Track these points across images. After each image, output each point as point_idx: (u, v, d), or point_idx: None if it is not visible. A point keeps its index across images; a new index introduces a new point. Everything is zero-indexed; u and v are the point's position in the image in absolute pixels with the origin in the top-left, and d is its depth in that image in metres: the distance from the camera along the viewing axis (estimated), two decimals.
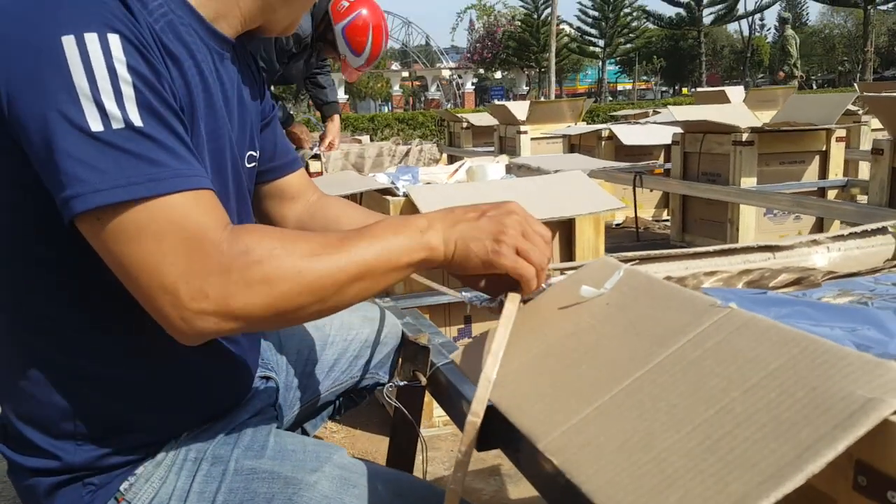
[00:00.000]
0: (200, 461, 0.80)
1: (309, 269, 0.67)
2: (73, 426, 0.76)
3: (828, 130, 3.58)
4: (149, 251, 0.62)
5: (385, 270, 0.73)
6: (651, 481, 0.56)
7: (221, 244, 0.64)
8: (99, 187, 0.61)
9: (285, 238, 0.68)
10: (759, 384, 0.59)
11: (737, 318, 0.67)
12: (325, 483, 0.80)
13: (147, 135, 0.63)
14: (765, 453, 0.52)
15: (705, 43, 37.29)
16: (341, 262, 0.69)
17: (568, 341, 0.80)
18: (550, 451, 0.65)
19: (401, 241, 0.74)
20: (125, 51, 0.63)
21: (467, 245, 0.77)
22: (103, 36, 0.62)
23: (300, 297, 0.67)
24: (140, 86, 0.63)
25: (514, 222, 0.81)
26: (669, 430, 0.60)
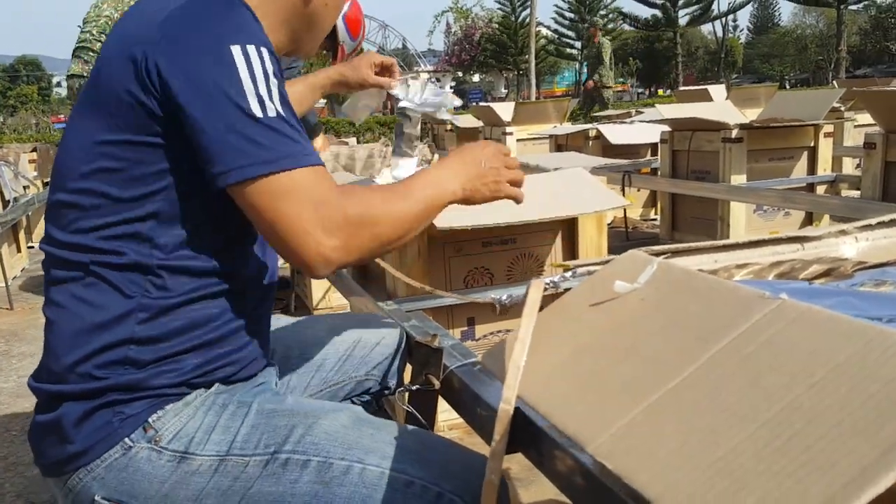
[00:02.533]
0: (227, 405, 0.89)
1: (398, 212, 0.91)
2: (126, 351, 0.84)
3: (816, 126, 3.59)
4: (294, 207, 0.82)
5: (434, 211, 0.98)
6: (720, 484, 0.53)
7: (340, 201, 0.84)
8: (264, 159, 0.80)
9: (376, 193, 0.93)
10: (826, 378, 0.56)
11: (790, 309, 0.64)
12: (343, 416, 0.90)
13: (287, 121, 0.83)
14: (844, 452, 0.49)
15: (680, 44, 37.63)
16: (414, 206, 0.93)
17: (605, 339, 0.77)
18: (602, 455, 0.62)
19: (440, 192, 0.98)
20: (271, 60, 0.83)
21: (477, 189, 1.03)
22: (258, 48, 0.82)
23: (394, 232, 0.91)
24: (280, 86, 0.84)
25: (498, 162, 1.05)
26: (732, 428, 0.56)
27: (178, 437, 0.84)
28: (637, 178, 3.95)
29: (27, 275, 4.80)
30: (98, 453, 0.83)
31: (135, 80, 0.82)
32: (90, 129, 0.86)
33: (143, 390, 0.85)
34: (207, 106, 0.80)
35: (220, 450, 0.84)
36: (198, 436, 0.85)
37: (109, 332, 0.85)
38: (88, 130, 0.87)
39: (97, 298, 0.85)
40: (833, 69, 33.77)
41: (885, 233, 1.00)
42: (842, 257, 0.96)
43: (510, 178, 1.06)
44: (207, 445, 0.84)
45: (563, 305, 0.86)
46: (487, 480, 0.74)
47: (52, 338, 0.88)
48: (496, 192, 1.05)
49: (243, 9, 0.88)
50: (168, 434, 0.84)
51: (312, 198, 0.83)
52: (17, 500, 1.84)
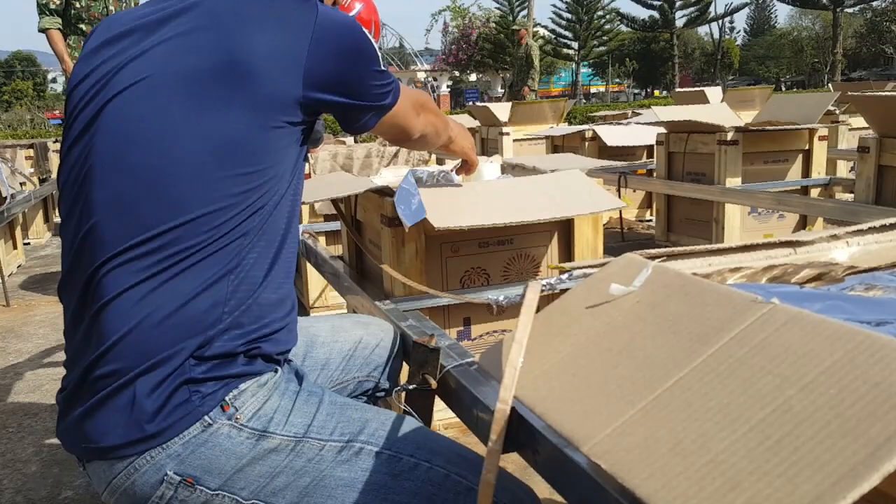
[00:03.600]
0: (298, 392, 0.93)
1: (444, 127, 1.36)
2: (211, 331, 0.86)
3: (810, 129, 3.61)
4: (412, 118, 1.18)
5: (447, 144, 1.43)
6: (712, 484, 0.54)
7: (421, 108, 1.21)
8: (397, 91, 1.07)
9: (434, 112, 1.29)
10: (816, 381, 0.57)
11: (782, 313, 0.66)
12: (409, 420, 0.97)
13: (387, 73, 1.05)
14: (834, 452, 0.51)
15: (677, 45, 37.70)
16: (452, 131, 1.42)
17: (600, 341, 0.78)
18: (597, 455, 0.63)
19: (454, 138, 1.44)
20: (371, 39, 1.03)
21: (465, 150, 1.53)
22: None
23: (444, 132, 1.37)
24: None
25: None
26: (724, 430, 0.58)
27: (258, 416, 0.87)
28: (633, 180, 3.97)
29: (23, 271, 4.79)
30: (178, 431, 0.84)
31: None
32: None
33: (219, 358, 0.87)
34: (349, 79, 1.02)
35: (297, 431, 0.88)
36: (277, 416, 0.88)
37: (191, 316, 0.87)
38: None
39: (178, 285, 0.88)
40: (829, 72, 33.86)
41: (876, 238, 1.01)
42: (833, 262, 0.97)
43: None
44: (286, 427, 0.88)
45: (560, 307, 0.87)
46: (484, 479, 0.76)
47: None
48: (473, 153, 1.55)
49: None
50: (248, 412, 0.87)
51: (416, 110, 1.21)
52: (15, 497, 1.85)
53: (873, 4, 37.86)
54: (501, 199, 1.67)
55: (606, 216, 4.63)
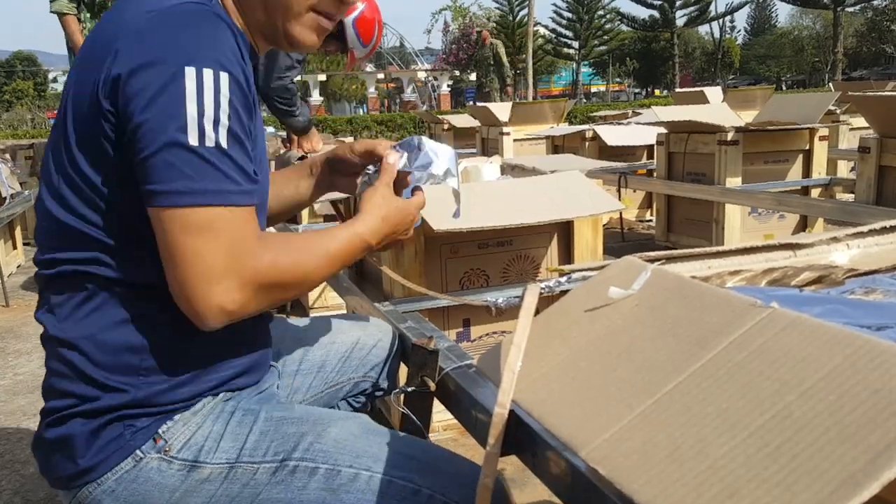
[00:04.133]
0: (233, 412, 0.89)
1: (310, 275, 0.88)
2: (139, 361, 0.85)
3: (811, 129, 3.60)
4: (204, 247, 0.77)
5: (346, 265, 0.97)
6: (710, 491, 0.54)
7: (258, 255, 0.80)
8: (184, 190, 0.76)
9: (292, 251, 0.86)
10: (816, 386, 0.57)
11: (781, 318, 0.65)
12: (352, 424, 0.91)
13: (229, 155, 0.78)
14: (833, 459, 0.50)
15: (678, 45, 37.70)
16: (327, 269, 0.91)
17: (599, 344, 0.77)
18: (594, 460, 0.63)
19: (359, 250, 0.96)
20: (230, 88, 0.78)
21: (385, 246, 1.04)
22: (217, 73, 0.77)
23: (298, 291, 0.90)
24: (233, 117, 0.79)
25: (404, 228, 1.03)
26: (723, 436, 0.57)
27: (188, 447, 0.85)
28: (633, 180, 3.97)
29: (23, 272, 4.79)
30: (109, 467, 0.83)
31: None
32: None
33: (153, 406, 0.85)
34: (144, 121, 0.76)
35: (229, 457, 0.85)
36: (207, 444, 0.85)
37: (120, 349, 0.85)
38: None
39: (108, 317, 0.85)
40: (829, 71, 33.85)
41: (876, 240, 1.01)
42: (833, 265, 0.97)
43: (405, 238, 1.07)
44: (217, 453, 0.85)
45: (559, 310, 0.87)
46: (482, 483, 0.75)
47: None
48: (389, 245, 1.05)
49: (219, 21, 0.82)
50: (178, 444, 0.84)
51: (229, 243, 0.78)
52: (13, 498, 1.84)
53: (874, 3, 37.87)
54: (501, 200, 1.67)
55: (606, 216, 4.62)
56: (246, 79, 0.82)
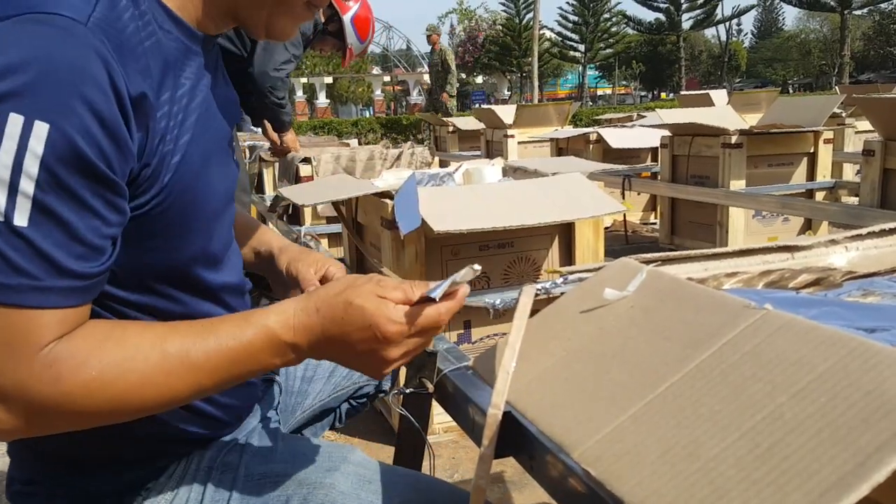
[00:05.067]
0: (210, 470, 0.80)
1: (147, 393, 0.63)
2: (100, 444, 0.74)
3: (815, 132, 3.59)
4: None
5: (224, 380, 0.68)
6: (700, 492, 0.53)
7: (34, 367, 0.59)
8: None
9: (116, 356, 0.62)
10: (808, 388, 0.57)
11: (775, 319, 0.65)
12: (341, 480, 0.80)
13: (25, 237, 0.58)
14: (823, 461, 0.50)
15: (684, 48, 37.67)
16: (181, 380, 0.65)
17: (593, 345, 0.77)
18: (587, 462, 0.62)
19: (250, 353, 0.68)
20: (50, 142, 0.58)
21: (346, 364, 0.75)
22: (29, 123, 0.57)
23: (129, 413, 0.65)
24: (47, 184, 0.58)
25: (393, 350, 0.72)
26: (714, 437, 0.57)
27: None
28: (637, 182, 3.96)
29: None
30: None
31: None
32: None
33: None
34: None
35: None
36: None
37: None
38: None
39: None
40: (836, 74, 33.76)
41: (875, 243, 1.00)
42: (831, 267, 0.96)
43: (404, 356, 0.74)
44: None
45: (554, 312, 0.86)
46: (475, 485, 0.75)
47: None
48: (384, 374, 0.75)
49: (81, 34, 0.61)
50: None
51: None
52: None
53: (881, 7, 37.75)
54: (502, 202, 1.67)
55: (609, 219, 4.61)
56: (102, 121, 0.61)
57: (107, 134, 0.61)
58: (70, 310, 0.62)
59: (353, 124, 13.31)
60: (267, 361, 0.68)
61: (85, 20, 0.62)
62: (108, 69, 0.61)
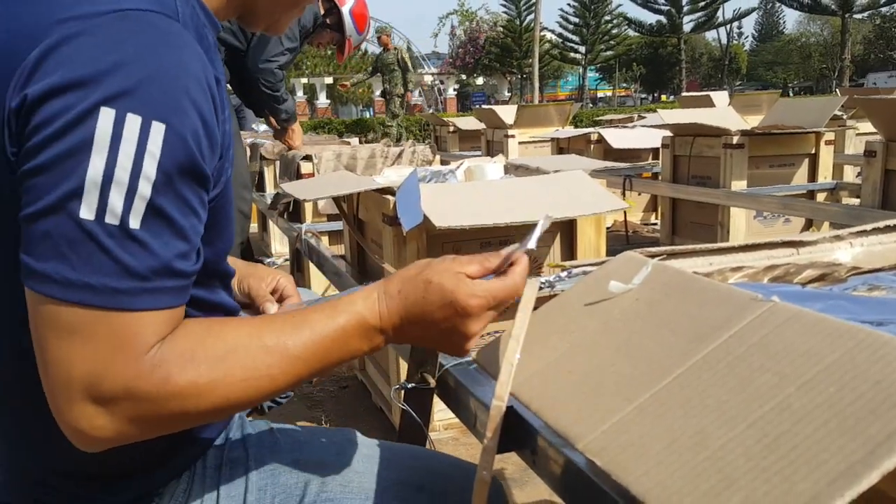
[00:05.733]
0: (220, 468, 0.80)
1: (250, 391, 0.63)
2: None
3: (817, 133, 3.59)
4: (66, 351, 0.57)
5: (325, 366, 0.69)
6: (708, 482, 0.53)
7: (143, 370, 0.58)
8: (55, 276, 0.56)
9: (217, 357, 0.61)
10: (816, 379, 0.56)
11: (782, 311, 0.65)
12: (353, 461, 0.84)
13: (139, 240, 0.58)
14: (832, 450, 0.50)
15: (684, 50, 37.68)
16: (284, 375, 0.65)
17: (598, 338, 0.77)
18: (592, 452, 0.62)
19: (346, 342, 0.69)
20: (167, 143, 0.58)
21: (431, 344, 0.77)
22: (148, 123, 0.57)
23: (229, 412, 0.65)
24: (162, 185, 0.58)
25: (475, 324, 0.75)
26: (722, 427, 0.57)
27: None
28: (638, 183, 3.96)
29: None
30: None
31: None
32: None
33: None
34: (39, 172, 0.56)
35: None
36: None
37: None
38: None
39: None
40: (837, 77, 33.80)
41: (879, 239, 1.00)
42: (836, 262, 0.96)
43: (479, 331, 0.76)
44: None
45: (558, 304, 0.86)
46: (479, 477, 0.75)
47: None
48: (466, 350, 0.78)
49: (183, 39, 0.61)
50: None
51: (101, 354, 0.57)
52: None
53: (882, 10, 37.79)
54: (504, 198, 1.67)
55: (611, 219, 4.61)
56: (204, 121, 0.61)
57: (207, 133, 0.61)
58: (175, 310, 0.62)
59: (354, 123, 13.31)
60: (357, 347, 0.69)
61: (177, 16, 0.62)
62: (203, 66, 0.62)
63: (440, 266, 0.71)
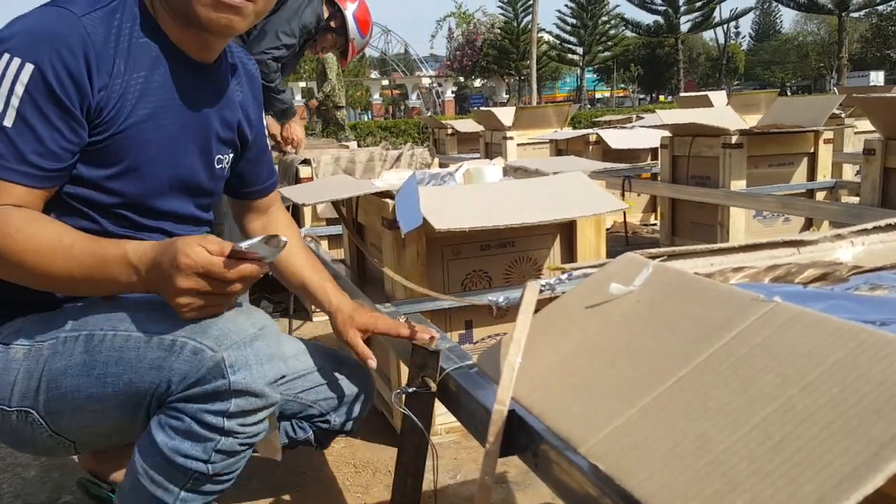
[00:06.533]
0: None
1: (28, 253, 0.94)
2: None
3: (816, 132, 3.59)
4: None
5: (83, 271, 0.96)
6: (712, 485, 0.53)
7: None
8: None
9: (25, 224, 0.94)
10: (819, 380, 0.56)
11: (784, 312, 0.65)
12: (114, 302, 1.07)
13: (7, 134, 0.94)
14: (836, 452, 0.49)
15: (682, 50, 37.70)
16: (51, 254, 0.94)
17: (599, 340, 0.77)
18: (595, 456, 0.62)
19: (105, 257, 0.96)
20: (31, 78, 0.94)
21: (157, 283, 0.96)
22: (23, 64, 0.94)
23: (14, 265, 0.95)
24: (27, 102, 0.94)
25: (182, 280, 0.91)
26: (725, 430, 0.56)
27: (12, 334, 1.05)
28: (637, 183, 3.95)
29: None
30: None
31: None
32: None
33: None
34: None
35: (28, 342, 1.04)
36: (24, 330, 1.05)
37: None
38: None
39: None
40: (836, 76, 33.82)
41: (881, 237, 1.00)
42: (837, 261, 0.96)
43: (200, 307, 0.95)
44: (20, 339, 1.04)
45: (559, 307, 0.86)
46: (482, 482, 0.74)
47: None
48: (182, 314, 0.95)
49: (60, 17, 0.98)
50: (6, 332, 1.06)
51: None
52: (14, 501, 1.84)
53: (879, 9, 37.82)
54: (503, 200, 1.66)
55: (610, 220, 4.61)
56: (69, 72, 0.95)
57: (73, 83, 0.96)
58: (27, 188, 0.96)
59: (352, 128, 13.29)
60: (116, 272, 0.95)
61: (81, 15, 0.99)
62: (84, 44, 0.97)
63: (192, 237, 0.92)
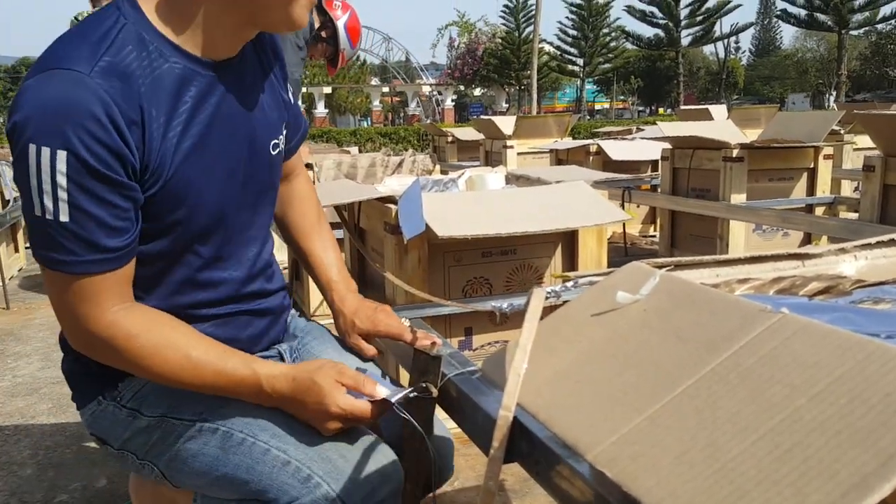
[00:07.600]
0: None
1: (157, 366, 0.94)
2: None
3: (815, 148, 3.61)
4: (54, 297, 0.93)
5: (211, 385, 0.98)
6: (720, 493, 0.53)
7: (90, 314, 0.92)
8: (35, 250, 0.91)
9: (153, 332, 0.94)
10: (827, 391, 0.56)
11: (791, 323, 0.65)
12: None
13: (69, 229, 0.87)
14: (844, 462, 0.50)
15: (682, 64, 37.86)
16: (181, 371, 0.95)
17: (606, 348, 0.77)
18: (602, 463, 0.62)
19: (237, 383, 0.97)
20: (69, 164, 0.85)
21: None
22: (54, 152, 0.84)
23: (138, 370, 0.97)
24: (74, 191, 0.86)
25: (332, 423, 0.98)
26: (734, 439, 0.57)
27: (135, 398, 1.04)
28: (637, 195, 3.97)
29: (24, 274, 4.79)
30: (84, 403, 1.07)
31: None
32: None
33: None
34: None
35: (154, 414, 1.04)
36: (149, 398, 1.04)
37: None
38: None
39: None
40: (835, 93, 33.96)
41: (884, 252, 1.00)
42: (841, 275, 0.96)
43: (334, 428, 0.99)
44: (153, 408, 1.04)
45: (565, 315, 0.86)
46: (485, 488, 0.74)
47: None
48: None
49: (78, 87, 0.85)
50: (127, 394, 1.04)
51: (64, 302, 0.92)
52: (10, 499, 1.83)
53: (878, 27, 38.06)
54: (505, 209, 1.67)
55: (610, 230, 4.62)
56: (102, 144, 0.86)
57: (110, 153, 0.87)
58: (107, 274, 0.91)
59: (352, 134, 13.34)
60: (244, 395, 0.98)
61: (89, 71, 0.86)
62: (105, 107, 0.85)
63: (327, 372, 0.97)
